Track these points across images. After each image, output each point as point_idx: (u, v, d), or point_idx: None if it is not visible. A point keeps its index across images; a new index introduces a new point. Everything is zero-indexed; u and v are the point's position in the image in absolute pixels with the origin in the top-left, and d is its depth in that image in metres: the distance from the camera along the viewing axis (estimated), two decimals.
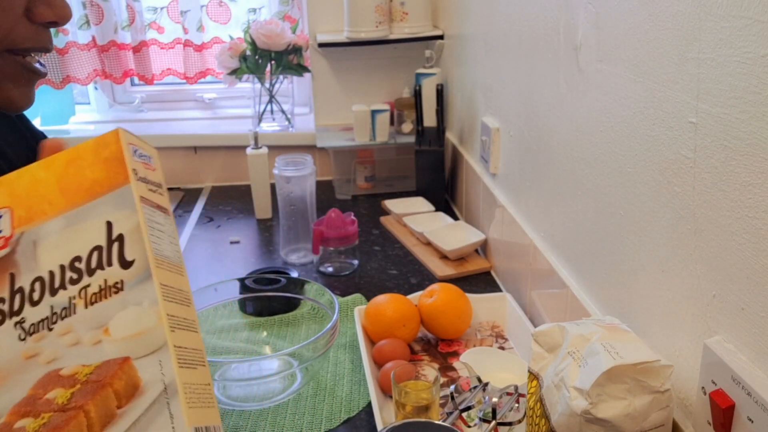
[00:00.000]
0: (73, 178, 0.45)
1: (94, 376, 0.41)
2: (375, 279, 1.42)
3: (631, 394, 0.67)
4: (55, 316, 0.43)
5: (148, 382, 0.41)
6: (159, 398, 0.40)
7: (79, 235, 0.44)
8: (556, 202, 1.08)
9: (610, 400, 0.66)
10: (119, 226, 0.44)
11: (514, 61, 1.25)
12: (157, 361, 0.41)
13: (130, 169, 0.44)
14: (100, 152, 0.45)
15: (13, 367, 0.43)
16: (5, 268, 0.45)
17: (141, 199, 0.44)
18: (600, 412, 0.66)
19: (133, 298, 0.42)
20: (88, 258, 0.44)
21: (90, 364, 0.42)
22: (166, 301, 0.42)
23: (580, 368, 0.69)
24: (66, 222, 0.45)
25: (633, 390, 0.67)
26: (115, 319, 0.42)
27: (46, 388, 0.42)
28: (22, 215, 0.46)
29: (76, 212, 0.45)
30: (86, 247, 0.44)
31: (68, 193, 0.45)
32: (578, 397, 0.67)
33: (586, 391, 0.66)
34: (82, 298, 0.43)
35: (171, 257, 0.45)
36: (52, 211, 0.45)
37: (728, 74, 0.60)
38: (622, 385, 0.66)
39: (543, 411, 0.74)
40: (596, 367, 0.67)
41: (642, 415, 0.67)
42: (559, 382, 0.71)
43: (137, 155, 0.46)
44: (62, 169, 0.46)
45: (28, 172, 0.46)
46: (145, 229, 0.43)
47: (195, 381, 0.42)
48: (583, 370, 0.68)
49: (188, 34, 2.03)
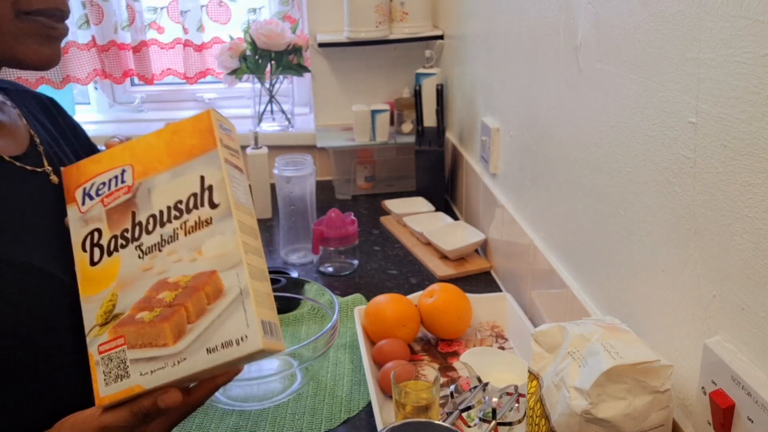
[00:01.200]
0: (176, 144, 0.61)
1: (192, 283, 0.58)
2: (375, 279, 1.42)
3: (631, 394, 0.67)
4: (163, 241, 0.60)
5: (228, 288, 0.57)
6: (236, 299, 0.56)
7: (180, 185, 0.60)
8: (556, 202, 1.08)
9: (610, 400, 0.66)
10: (209, 179, 0.59)
11: (514, 61, 1.25)
12: (235, 274, 0.57)
13: (217, 139, 0.60)
14: (196, 126, 0.61)
15: (134, 277, 0.60)
16: (128, 208, 0.62)
17: (225, 160, 0.60)
18: (600, 412, 0.66)
19: (219, 230, 0.58)
20: (187, 201, 0.60)
21: (188, 274, 0.58)
22: (242, 232, 0.58)
23: (580, 368, 0.69)
24: (171, 175, 0.61)
25: (633, 390, 0.67)
26: (206, 244, 0.58)
27: (158, 291, 0.59)
28: (140, 170, 0.62)
29: (178, 168, 0.61)
30: (186, 193, 0.60)
31: (173, 154, 0.61)
32: (578, 397, 0.67)
33: (586, 391, 0.66)
34: (183, 229, 0.59)
35: (245, 203, 0.61)
36: (162, 167, 0.61)
37: (728, 74, 0.60)
38: (622, 385, 0.66)
39: (543, 411, 0.74)
40: (596, 367, 0.67)
41: (642, 415, 0.67)
42: (559, 382, 0.71)
43: (222, 128, 0.61)
44: (169, 137, 0.62)
45: (145, 139, 0.63)
46: (228, 181, 0.59)
47: (261, 290, 0.58)
48: (583, 370, 0.68)
49: (188, 34, 2.03)
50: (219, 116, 0.62)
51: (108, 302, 0.61)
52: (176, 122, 0.62)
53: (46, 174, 0.74)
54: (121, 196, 0.62)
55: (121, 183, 0.63)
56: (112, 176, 0.63)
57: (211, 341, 0.56)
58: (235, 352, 0.55)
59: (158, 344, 0.57)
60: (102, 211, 0.63)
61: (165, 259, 0.59)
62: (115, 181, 0.63)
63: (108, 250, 0.62)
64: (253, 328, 0.55)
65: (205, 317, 0.57)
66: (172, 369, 0.57)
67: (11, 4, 0.63)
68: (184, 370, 0.56)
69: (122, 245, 0.61)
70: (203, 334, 0.57)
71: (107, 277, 0.61)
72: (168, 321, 0.57)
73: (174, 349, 0.57)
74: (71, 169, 0.66)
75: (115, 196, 0.62)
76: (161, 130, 0.62)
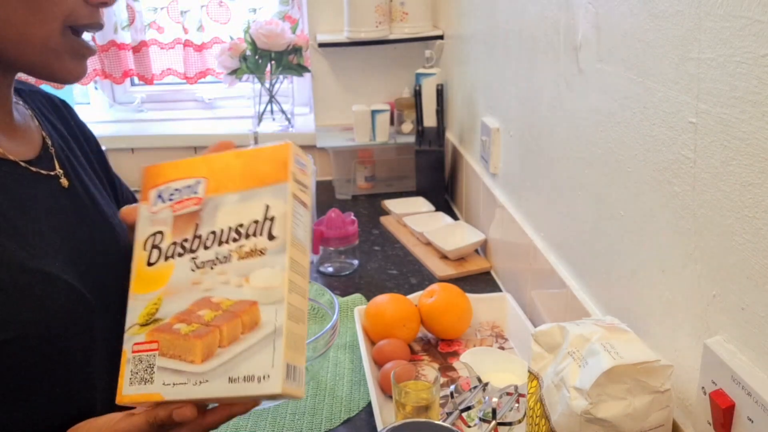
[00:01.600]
0: (252, 168, 0.62)
1: (232, 308, 0.58)
2: (375, 279, 1.42)
3: (631, 394, 0.67)
4: (217, 260, 0.60)
5: (265, 322, 0.57)
6: (269, 336, 0.56)
7: (245, 209, 0.61)
8: (556, 202, 1.08)
9: (610, 400, 0.66)
10: (273, 210, 0.60)
11: (514, 61, 1.25)
12: (275, 310, 0.57)
13: (290, 172, 0.61)
14: (273, 155, 0.62)
15: (183, 288, 0.61)
16: (193, 219, 0.63)
17: (293, 195, 0.60)
18: (600, 412, 0.66)
19: (270, 262, 0.58)
20: (248, 227, 0.60)
21: (231, 299, 0.59)
22: (291, 270, 0.58)
23: (580, 368, 0.69)
24: (240, 198, 0.61)
25: (633, 390, 0.67)
26: (254, 273, 0.58)
27: (200, 307, 0.59)
28: (213, 186, 0.63)
29: (247, 193, 0.61)
30: (249, 218, 0.60)
31: (246, 177, 0.62)
32: (578, 397, 0.67)
33: (586, 391, 0.66)
34: (237, 253, 0.60)
35: (302, 240, 0.61)
36: (233, 188, 0.62)
37: (728, 74, 0.60)
38: (622, 385, 0.67)
39: (543, 411, 0.74)
40: (596, 367, 0.67)
41: (642, 415, 0.67)
42: (559, 382, 0.71)
43: (297, 162, 0.62)
44: (246, 159, 0.63)
45: (225, 157, 0.64)
46: (290, 217, 0.59)
47: (295, 332, 0.58)
48: (583, 370, 0.69)
49: (188, 34, 2.03)
50: (297, 150, 0.63)
51: (153, 305, 0.62)
52: (257, 148, 0.63)
53: (57, 177, 0.74)
54: (190, 206, 0.63)
55: (193, 194, 0.64)
56: (187, 185, 0.64)
57: (235, 371, 0.56)
58: (254, 388, 0.55)
59: (187, 359, 0.58)
60: (169, 216, 0.64)
61: (214, 277, 0.60)
62: (188, 190, 0.64)
63: (165, 254, 0.63)
64: (276, 370, 0.55)
65: (235, 345, 0.57)
66: (193, 387, 0.57)
67: (62, 20, 0.65)
68: (203, 392, 0.57)
69: (179, 254, 0.62)
70: (230, 361, 0.57)
71: (158, 281, 0.62)
72: (201, 339, 0.58)
73: (200, 368, 0.58)
74: (151, 168, 0.68)
75: (185, 205, 0.64)
76: (242, 152, 0.64)
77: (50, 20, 0.65)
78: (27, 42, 0.65)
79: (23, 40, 0.65)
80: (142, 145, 2.02)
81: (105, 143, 2.20)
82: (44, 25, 0.65)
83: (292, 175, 0.60)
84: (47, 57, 0.67)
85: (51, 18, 0.65)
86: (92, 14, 0.68)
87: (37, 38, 0.65)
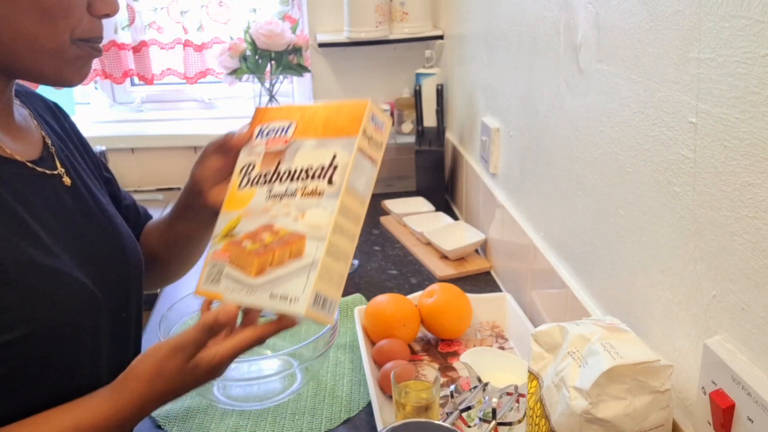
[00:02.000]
0: (332, 120, 0.70)
1: (286, 237, 0.67)
2: (375, 279, 1.42)
3: (631, 394, 0.67)
4: (285, 194, 0.69)
5: (306, 254, 0.65)
6: (306, 266, 0.64)
7: (318, 155, 0.68)
8: (556, 202, 1.08)
9: (610, 400, 0.66)
10: (338, 159, 0.67)
11: (514, 61, 1.25)
12: (316, 246, 0.64)
13: (361, 128, 0.67)
14: (352, 111, 0.69)
15: (256, 212, 0.71)
16: (278, 157, 0.72)
17: (358, 149, 0.67)
18: (600, 412, 0.66)
19: (324, 204, 0.66)
20: (316, 170, 0.68)
21: (288, 229, 0.67)
22: (340, 214, 0.65)
23: (580, 368, 0.69)
24: (316, 144, 0.69)
25: (633, 390, 0.67)
26: (309, 211, 0.67)
27: (264, 231, 0.69)
28: (300, 130, 0.72)
29: (323, 141, 0.69)
30: (318, 163, 0.68)
31: (326, 127, 0.70)
32: (578, 397, 0.67)
33: (586, 391, 0.66)
34: (302, 191, 0.68)
35: (360, 190, 0.68)
36: (313, 135, 0.70)
37: (728, 74, 0.60)
38: (622, 385, 0.67)
39: (543, 411, 0.74)
40: (596, 367, 0.67)
41: (642, 415, 0.67)
42: (559, 382, 0.71)
43: (374, 120, 0.69)
44: (330, 112, 0.71)
45: (315, 107, 0.73)
46: (351, 168, 0.66)
47: (333, 268, 0.66)
48: (583, 370, 0.69)
49: (188, 34, 2.03)
50: (375, 109, 0.70)
51: (233, 222, 0.73)
52: (341, 102, 0.72)
53: (59, 176, 0.75)
54: (279, 145, 0.73)
55: (283, 134, 0.74)
56: (281, 126, 0.74)
57: (276, 289, 0.66)
58: (285, 307, 0.64)
59: (245, 271, 0.69)
60: (262, 151, 0.74)
61: (280, 208, 0.70)
62: (282, 131, 0.74)
63: (252, 181, 0.74)
64: (305, 296, 0.63)
65: (281, 268, 0.66)
66: (244, 295, 0.68)
67: (70, 33, 0.67)
68: (249, 300, 0.67)
69: (261, 183, 0.73)
70: (274, 281, 0.66)
71: (242, 202, 0.73)
72: (258, 257, 0.68)
73: (252, 281, 0.68)
74: (261, 109, 0.80)
75: (275, 143, 0.74)
76: (329, 104, 0.72)
77: (60, 33, 0.66)
78: (38, 53, 0.66)
79: (34, 51, 0.66)
80: (142, 145, 2.02)
81: (105, 143, 2.21)
82: (54, 37, 0.66)
83: (362, 131, 0.68)
84: (58, 65, 0.68)
85: (61, 30, 0.66)
86: (96, 26, 0.70)
87: (48, 50, 0.66)
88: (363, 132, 0.68)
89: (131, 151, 2.03)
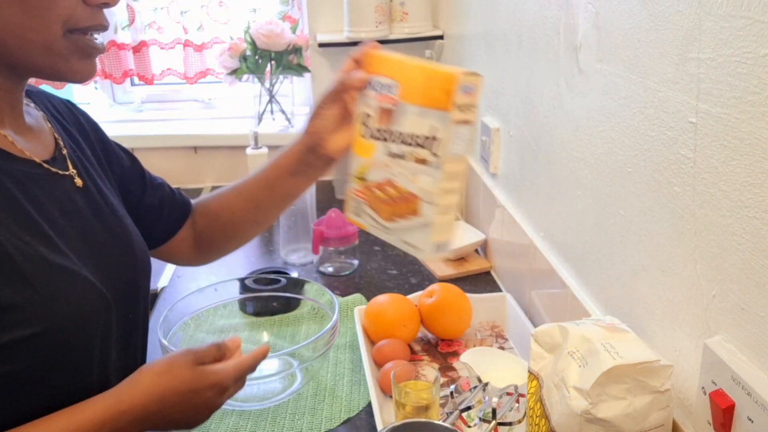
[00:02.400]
0: (428, 89, 0.75)
1: (406, 195, 0.77)
2: (375, 279, 1.42)
3: (631, 394, 0.67)
4: (400, 155, 0.77)
5: (422, 214, 0.76)
6: (425, 225, 0.76)
7: (421, 124, 0.75)
8: (556, 202, 1.08)
9: (610, 400, 0.66)
10: (438, 133, 0.73)
11: (514, 61, 1.25)
12: (429, 208, 0.75)
13: (453, 104, 0.72)
14: (443, 84, 0.73)
15: (379, 165, 0.80)
16: (389, 115, 0.78)
17: (453, 121, 0.72)
18: (600, 412, 0.66)
19: (430, 173, 0.75)
20: (421, 139, 0.75)
21: (406, 188, 0.77)
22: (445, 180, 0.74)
23: (580, 368, 0.69)
24: (418, 112, 0.75)
25: (633, 390, 0.67)
26: (420, 176, 0.75)
27: (389, 185, 0.79)
28: (403, 93, 0.77)
29: (423, 110, 0.75)
30: (422, 132, 0.75)
31: (423, 95, 0.75)
32: (578, 397, 0.67)
33: (586, 391, 0.66)
34: (412, 156, 0.76)
35: (460, 153, 0.76)
36: (415, 101, 0.76)
37: (728, 74, 0.60)
38: (622, 385, 0.67)
39: (543, 411, 0.74)
40: (596, 367, 0.67)
41: (642, 415, 0.67)
42: (559, 382, 0.71)
43: (463, 90, 0.72)
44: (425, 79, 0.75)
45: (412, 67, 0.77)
46: (449, 141, 0.73)
47: (443, 221, 0.76)
48: (583, 370, 0.69)
49: (188, 34, 2.03)
50: (464, 79, 0.73)
51: (363, 167, 0.82)
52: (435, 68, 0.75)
53: (71, 177, 0.75)
54: (388, 103, 0.79)
55: (390, 92, 0.79)
56: (387, 83, 0.79)
57: (405, 237, 0.78)
58: (414, 252, 0.78)
59: (379, 215, 0.81)
60: (376, 105, 0.80)
61: (397, 168, 0.78)
62: (388, 89, 0.79)
63: (371, 134, 0.81)
64: (428, 247, 0.77)
65: (404, 221, 0.78)
66: (382, 234, 0.81)
67: (62, 24, 0.65)
68: (387, 238, 0.80)
69: (379, 138, 0.80)
70: (402, 230, 0.78)
71: (367, 152, 0.82)
72: (388, 206, 0.79)
73: (386, 224, 0.80)
74: (368, 56, 0.84)
75: (386, 100, 0.79)
76: (425, 68, 0.76)
77: (49, 24, 0.65)
78: (29, 47, 0.65)
79: (25, 45, 0.65)
80: (142, 145, 2.02)
81: None
82: (44, 29, 0.65)
83: (454, 105, 0.73)
84: (53, 60, 0.67)
85: (50, 22, 0.64)
86: (93, 16, 0.68)
87: (38, 42, 0.65)
88: (454, 105, 0.73)
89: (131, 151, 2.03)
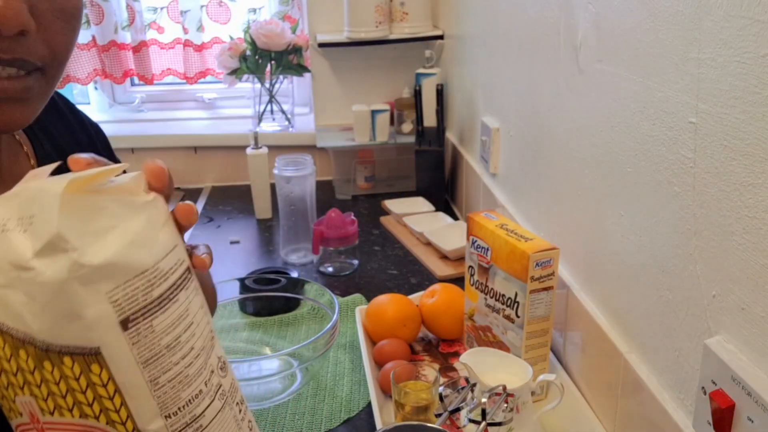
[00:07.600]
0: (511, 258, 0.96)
1: (500, 343, 0.99)
2: (375, 279, 1.42)
3: (118, 217, 0.44)
4: (494, 310, 0.99)
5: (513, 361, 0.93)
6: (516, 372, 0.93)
7: (507, 287, 0.97)
8: (556, 202, 1.08)
9: (94, 236, 0.42)
10: (519, 298, 0.95)
11: (514, 61, 1.25)
12: (518, 360, 0.92)
13: (529, 277, 0.92)
14: (522, 260, 0.93)
15: (481, 312, 0.95)
16: (486, 273, 1.00)
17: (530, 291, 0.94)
18: (93, 257, 0.41)
19: (515, 329, 0.93)
20: (509, 299, 0.97)
21: (499, 338, 0.97)
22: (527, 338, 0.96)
23: (24, 232, 0.42)
24: (504, 277, 0.97)
25: (117, 212, 0.44)
26: (509, 331, 0.94)
27: (487, 330, 0.98)
28: (493, 257, 0.99)
29: (508, 276, 0.95)
30: (508, 294, 0.97)
31: (508, 263, 0.96)
32: (53, 257, 0.41)
33: (53, 243, 0.40)
34: (502, 313, 0.99)
35: (540, 314, 0.97)
36: (502, 266, 0.97)
37: (728, 74, 0.60)
38: (99, 215, 0.43)
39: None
40: (44, 215, 0.41)
41: (150, 237, 0.45)
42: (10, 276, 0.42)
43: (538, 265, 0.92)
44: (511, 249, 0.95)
45: (499, 235, 0.97)
46: (528, 307, 0.94)
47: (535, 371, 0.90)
48: (29, 231, 0.41)
49: (188, 34, 2.03)
50: (538, 257, 0.90)
51: (472, 309, 1.02)
52: (515, 243, 0.93)
53: None
54: (485, 263, 1.00)
55: (485, 252, 0.99)
56: (484, 247, 0.99)
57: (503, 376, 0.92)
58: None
59: None
60: (476, 262, 1.01)
61: (492, 318, 0.98)
62: (485, 251, 0.99)
63: (476, 284, 1.03)
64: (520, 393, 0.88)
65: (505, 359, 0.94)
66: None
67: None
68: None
69: (479, 290, 1.02)
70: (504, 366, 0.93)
71: (474, 297, 1.04)
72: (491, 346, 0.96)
73: None
74: (472, 221, 1.03)
75: (482, 260, 1.00)
76: (508, 240, 0.94)
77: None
78: None
79: None
80: (142, 145, 2.02)
81: None
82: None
83: (530, 278, 0.91)
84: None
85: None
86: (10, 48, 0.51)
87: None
88: (531, 278, 0.91)
89: (131, 151, 2.03)
